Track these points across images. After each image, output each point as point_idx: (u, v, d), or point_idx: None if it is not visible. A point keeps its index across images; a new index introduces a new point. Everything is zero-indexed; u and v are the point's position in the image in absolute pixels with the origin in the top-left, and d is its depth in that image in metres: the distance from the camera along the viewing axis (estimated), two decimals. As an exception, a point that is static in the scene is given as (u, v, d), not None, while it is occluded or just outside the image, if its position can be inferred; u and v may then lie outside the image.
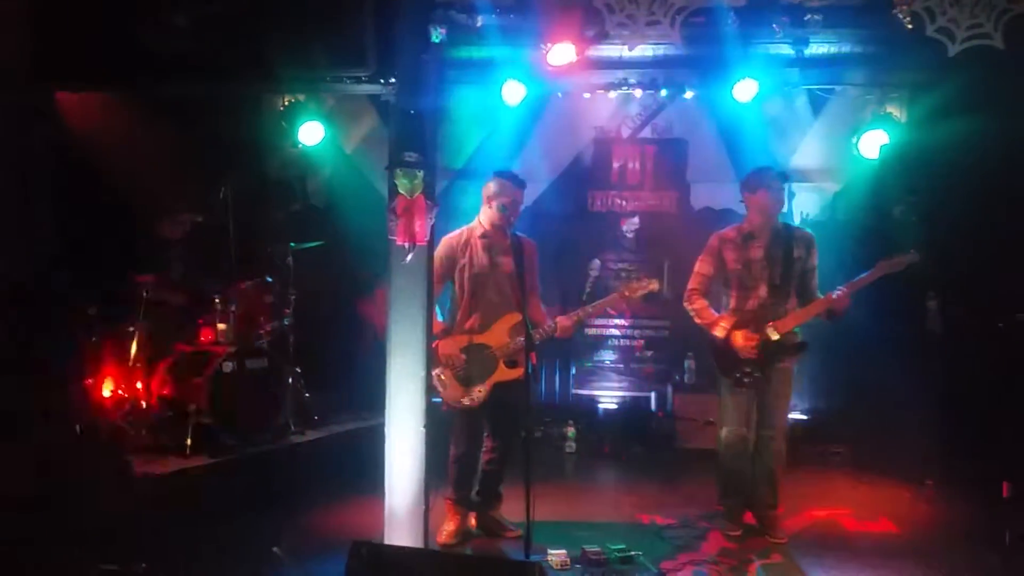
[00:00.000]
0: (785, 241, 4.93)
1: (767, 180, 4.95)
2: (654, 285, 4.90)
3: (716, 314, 5.02)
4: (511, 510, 4.95)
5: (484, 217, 4.92)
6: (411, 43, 4.07)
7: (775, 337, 4.83)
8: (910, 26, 3.91)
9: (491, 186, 4.88)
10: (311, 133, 7.16)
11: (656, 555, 4.67)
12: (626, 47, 6.65)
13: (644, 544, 4.79)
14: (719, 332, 4.95)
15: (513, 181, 4.87)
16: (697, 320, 5.06)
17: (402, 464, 4.31)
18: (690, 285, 5.10)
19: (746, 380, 4.89)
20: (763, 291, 4.91)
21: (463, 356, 4.80)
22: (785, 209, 5.13)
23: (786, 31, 4.27)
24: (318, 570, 4.34)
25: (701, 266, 5.08)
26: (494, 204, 4.83)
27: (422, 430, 4.29)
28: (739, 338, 4.87)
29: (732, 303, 5.01)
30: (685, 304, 5.10)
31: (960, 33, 3.86)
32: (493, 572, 2.94)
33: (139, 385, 5.99)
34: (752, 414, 4.97)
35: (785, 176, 5.13)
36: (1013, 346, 5.65)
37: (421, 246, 4.20)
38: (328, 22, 4.04)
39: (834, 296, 4.78)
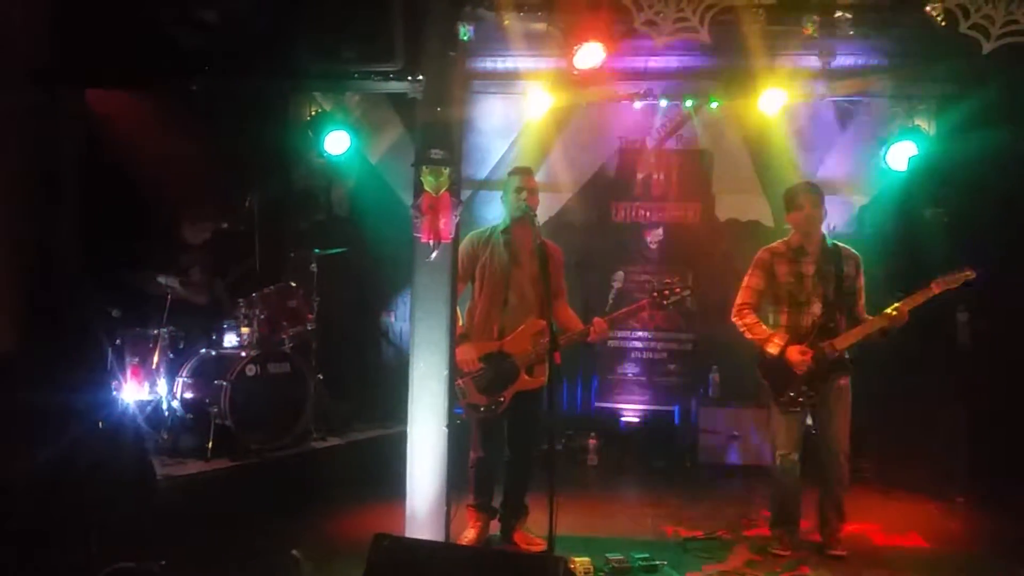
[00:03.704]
0: (835, 258, 4.81)
1: (795, 199, 4.88)
2: (685, 292, 4.81)
3: (769, 330, 4.85)
4: (534, 522, 4.88)
5: (506, 212, 4.92)
6: (439, 40, 4.09)
7: (832, 355, 4.69)
8: (943, 23, 3.86)
9: (508, 180, 4.90)
10: (337, 143, 7.19)
11: (681, 566, 4.60)
12: (651, 59, 6.72)
13: (668, 555, 4.72)
14: (773, 348, 4.77)
15: (526, 170, 4.92)
16: (748, 336, 4.87)
17: (424, 465, 4.28)
18: (740, 299, 4.93)
19: (800, 399, 4.74)
20: (816, 308, 4.76)
21: (481, 364, 4.75)
22: (821, 224, 4.91)
23: (815, 32, 4.21)
24: (339, 572, 4.29)
25: (751, 280, 4.92)
26: (511, 192, 4.83)
27: (444, 430, 4.26)
28: (795, 353, 4.70)
29: (783, 320, 4.85)
30: (735, 319, 4.92)
31: (995, 30, 3.80)
32: (516, 567, 2.88)
33: (161, 388, 6.00)
34: (802, 436, 4.82)
35: (811, 189, 4.94)
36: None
37: (446, 243, 4.19)
38: (357, 19, 4.06)
39: (892, 313, 4.63)
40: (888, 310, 4.66)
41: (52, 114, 5.11)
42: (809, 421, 4.94)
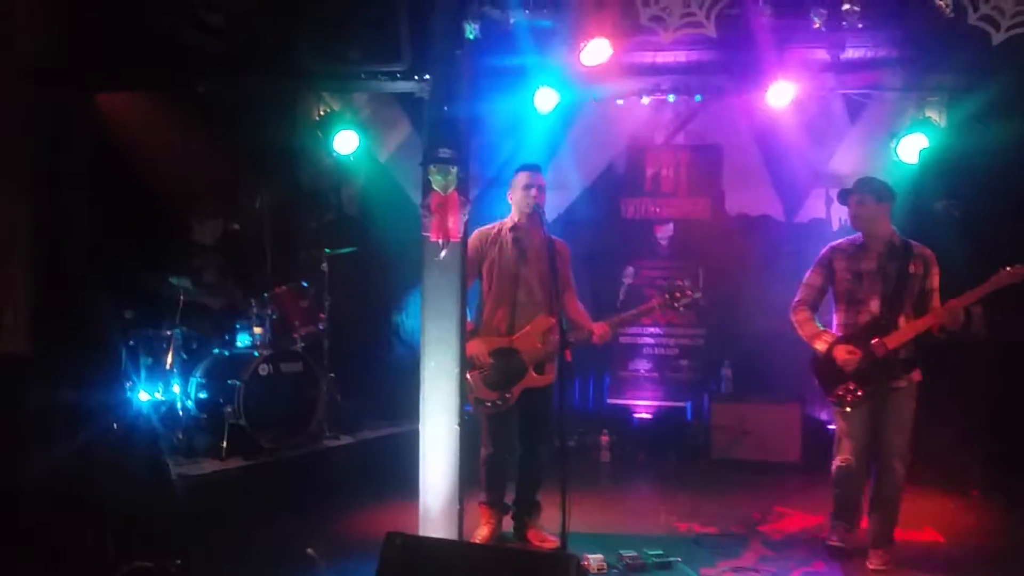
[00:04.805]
0: (902, 256, 4.61)
1: (846, 195, 4.74)
2: (697, 294, 4.78)
3: (820, 327, 4.73)
4: (547, 519, 4.88)
5: (514, 209, 4.92)
6: (445, 39, 4.09)
7: (882, 353, 4.52)
8: (951, 15, 3.83)
9: (517, 178, 4.88)
10: (346, 142, 7.19)
11: (695, 562, 4.59)
12: (658, 54, 6.69)
13: (682, 551, 4.71)
14: (820, 346, 4.65)
15: (535, 167, 4.92)
16: (799, 332, 4.77)
17: (436, 463, 4.28)
18: (797, 296, 4.81)
19: (849, 399, 4.58)
20: (874, 305, 4.59)
21: (490, 360, 4.76)
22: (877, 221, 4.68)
23: (823, 25, 4.19)
24: (352, 570, 4.31)
25: (810, 277, 4.77)
26: (519, 189, 4.82)
27: (456, 428, 4.26)
28: (842, 352, 4.57)
29: (841, 317, 4.71)
30: (790, 315, 4.82)
31: (1005, 21, 3.76)
32: (529, 564, 2.89)
33: (175, 388, 6.04)
34: (867, 440, 4.65)
35: (858, 187, 4.71)
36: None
37: (455, 242, 4.20)
38: (363, 19, 4.08)
39: (944, 311, 4.44)
40: (941, 307, 4.49)
41: (62, 115, 5.14)
42: None
